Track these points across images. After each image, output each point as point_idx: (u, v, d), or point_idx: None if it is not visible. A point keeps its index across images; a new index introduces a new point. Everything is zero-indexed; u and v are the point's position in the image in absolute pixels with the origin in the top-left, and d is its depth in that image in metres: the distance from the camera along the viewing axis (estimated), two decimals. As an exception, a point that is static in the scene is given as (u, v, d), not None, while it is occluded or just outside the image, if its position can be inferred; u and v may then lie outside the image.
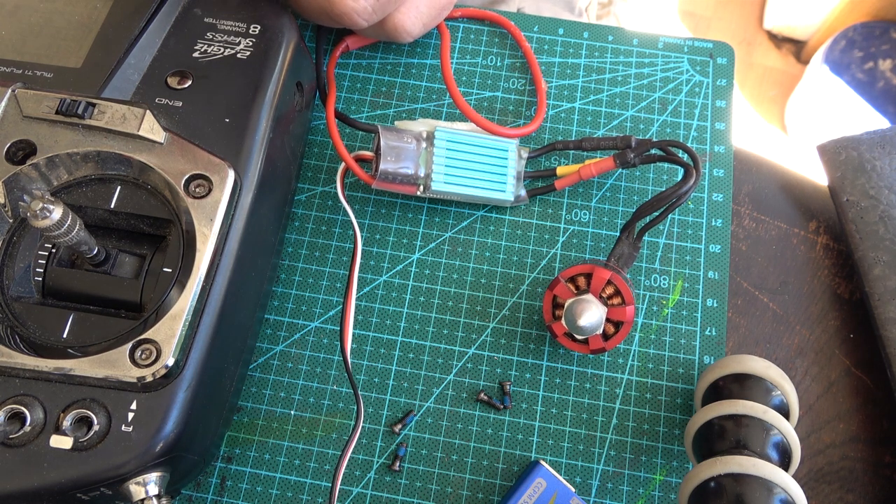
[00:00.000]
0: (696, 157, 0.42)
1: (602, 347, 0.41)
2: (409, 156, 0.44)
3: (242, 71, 0.39)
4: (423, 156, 0.44)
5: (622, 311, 0.40)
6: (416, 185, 0.44)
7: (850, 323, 0.46)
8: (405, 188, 0.44)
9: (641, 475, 0.42)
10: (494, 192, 0.46)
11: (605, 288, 0.41)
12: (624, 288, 0.40)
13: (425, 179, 0.44)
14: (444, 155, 0.44)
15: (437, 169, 0.44)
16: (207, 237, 0.34)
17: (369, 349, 0.45)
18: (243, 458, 0.42)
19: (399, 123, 0.46)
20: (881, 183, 0.45)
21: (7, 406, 0.31)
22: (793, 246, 0.47)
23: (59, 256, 0.36)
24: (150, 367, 0.32)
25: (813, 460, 0.43)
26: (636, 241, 0.43)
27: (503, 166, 0.46)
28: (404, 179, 0.44)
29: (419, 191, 0.45)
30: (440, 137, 0.44)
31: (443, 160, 0.44)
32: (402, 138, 0.44)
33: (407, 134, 0.44)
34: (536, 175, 0.48)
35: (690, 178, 0.41)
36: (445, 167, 0.44)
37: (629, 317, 0.40)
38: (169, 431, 0.32)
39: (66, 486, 0.31)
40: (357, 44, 0.51)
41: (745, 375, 0.39)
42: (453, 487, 0.42)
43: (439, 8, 0.48)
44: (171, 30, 0.40)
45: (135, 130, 0.35)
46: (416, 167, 0.44)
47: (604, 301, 0.41)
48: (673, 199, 0.41)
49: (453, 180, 0.45)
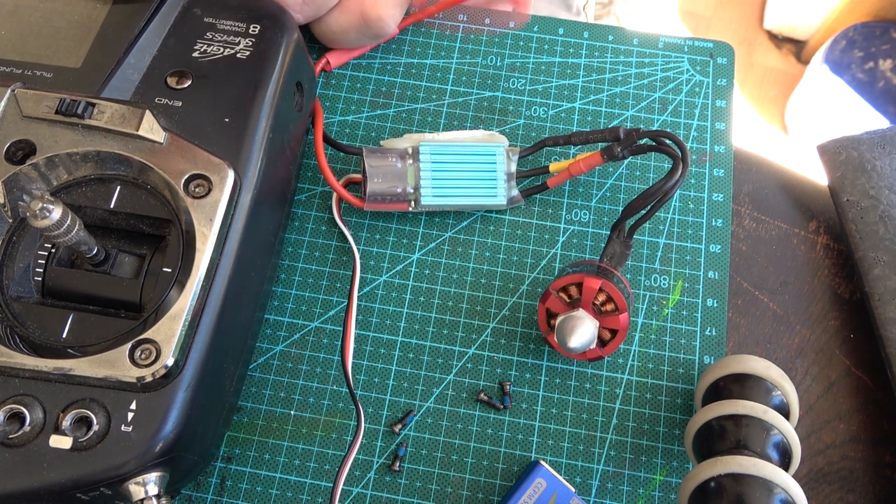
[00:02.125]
0: (684, 147, 0.42)
1: (599, 356, 0.41)
2: (395, 174, 0.44)
3: (242, 71, 0.39)
4: (410, 172, 0.44)
5: (615, 320, 0.40)
6: (407, 202, 0.45)
7: (850, 323, 0.46)
8: (397, 206, 0.45)
9: (641, 475, 0.42)
10: (486, 198, 0.46)
11: (597, 296, 0.41)
12: (616, 294, 0.40)
13: (415, 195, 0.44)
14: (431, 168, 0.44)
15: (425, 183, 0.44)
16: (207, 237, 0.34)
17: (369, 349, 0.44)
18: (243, 458, 0.42)
19: (384, 143, 0.46)
20: (881, 183, 0.45)
21: (6, 406, 0.31)
22: (793, 246, 0.47)
23: (58, 256, 0.36)
24: (149, 367, 0.32)
25: (813, 460, 0.43)
26: (627, 240, 0.43)
27: (492, 171, 0.46)
28: (394, 198, 0.44)
29: (411, 207, 0.45)
30: (424, 151, 0.44)
31: (429, 174, 0.44)
32: (387, 158, 0.44)
33: (391, 153, 0.44)
34: (530, 174, 0.48)
35: (677, 171, 0.41)
36: (433, 180, 0.44)
37: (623, 324, 0.40)
38: (168, 431, 0.32)
39: (65, 486, 0.31)
40: (339, 60, 0.51)
41: (745, 375, 0.39)
42: (453, 487, 0.42)
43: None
44: (170, 30, 0.40)
45: (134, 130, 0.35)
46: (404, 184, 0.44)
47: (597, 309, 0.41)
48: (660, 195, 0.41)
49: (443, 192, 0.45)
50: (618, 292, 0.40)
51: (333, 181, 0.45)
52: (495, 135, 0.47)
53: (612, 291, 0.40)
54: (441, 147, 0.45)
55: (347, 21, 0.46)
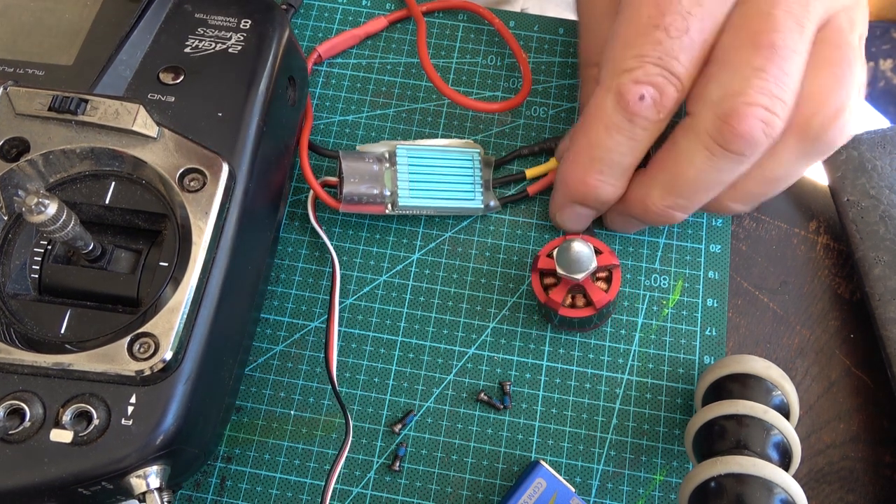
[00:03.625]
0: None
1: (608, 300, 0.41)
2: (372, 176, 0.44)
3: (234, 65, 0.39)
4: (387, 175, 0.44)
5: (606, 258, 0.41)
6: (384, 204, 0.45)
7: (850, 323, 0.46)
8: (373, 208, 0.45)
9: (641, 475, 0.42)
10: (463, 201, 0.46)
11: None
12: (599, 243, 0.42)
13: (392, 197, 0.44)
14: (407, 171, 0.45)
15: (402, 185, 0.44)
16: (203, 230, 0.34)
17: (369, 349, 0.44)
18: (243, 458, 0.42)
19: (361, 147, 0.46)
20: (882, 183, 0.45)
21: (6, 402, 0.31)
22: (793, 246, 0.47)
23: (54, 253, 0.36)
24: (148, 360, 0.32)
25: (813, 460, 0.43)
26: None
27: (468, 175, 0.46)
28: (371, 199, 0.44)
29: (388, 209, 0.45)
30: (401, 154, 0.45)
31: (406, 176, 0.44)
32: (364, 160, 0.44)
33: (368, 156, 0.45)
34: (505, 180, 0.48)
35: None
36: (410, 182, 0.45)
37: (615, 262, 0.41)
38: (169, 424, 0.32)
39: (67, 480, 0.31)
40: (330, 52, 0.51)
41: (745, 375, 0.39)
42: (453, 487, 0.42)
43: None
44: (161, 26, 0.40)
45: (128, 126, 0.35)
46: (381, 187, 0.44)
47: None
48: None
49: (419, 195, 0.45)
50: (599, 241, 0.42)
51: (312, 179, 0.45)
52: (471, 143, 0.47)
53: (595, 243, 0.41)
54: (418, 150, 0.45)
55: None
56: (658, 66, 0.37)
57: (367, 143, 0.47)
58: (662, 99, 0.37)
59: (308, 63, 0.49)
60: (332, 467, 0.41)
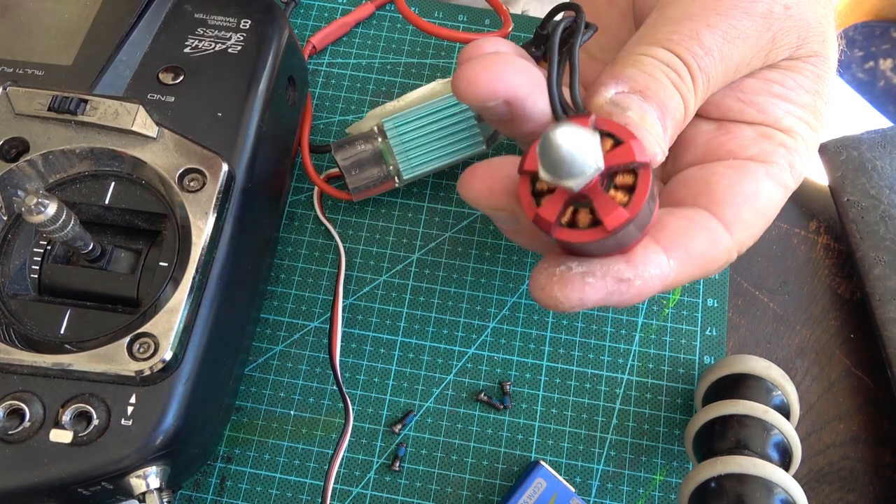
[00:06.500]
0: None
1: (625, 219, 0.25)
2: (369, 160, 0.44)
3: (234, 65, 0.39)
4: (384, 152, 0.44)
5: (625, 152, 0.25)
6: (391, 180, 0.44)
7: (850, 323, 0.46)
8: (383, 187, 0.45)
9: (641, 475, 0.42)
10: (464, 150, 0.45)
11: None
12: (615, 126, 0.26)
13: (396, 172, 0.44)
14: (401, 141, 0.44)
15: (401, 157, 0.44)
16: (203, 230, 0.34)
17: (369, 349, 0.44)
18: (243, 458, 0.42)
19: (349, 129, 0.46)
20: (882, 183, 0.45)
21: (6, 402, 0.31)
22: (793, 246, 0.47)
23: (54, 253, 0.36)
24: (148, 360, 0.32)
25: (813, 460, 0.43)
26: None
27: (460, 123, 0.44)
28: (377, 181, 0.44)
29: (396, 183, 0.45)
30: (390, 128, 0.44)
31: (401, 147, 0.44)
32: (356, 147, 0.44)
33: (358, 140, 0.44)
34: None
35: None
36: (407, 152, 0.44)
37: (641, 155, 0.25)
38: (169, 424, 0.32)
39: (66, 480, 0.31)
40: (323, 42, 0.51)
41: (745, 375, 0.39)
42: (453, 487, 0.42)
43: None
44: (161, 26, 0.40)
45: (128, 126, 0.35)
46: (381, 166, 0.44)
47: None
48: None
49: (422, 159, 0.44)
50: (616, 124, 0.26)
51: (316, 177, 0.45)
52: (451, 82, 0.45)
53: (608, 124, 0.26)
54: (404, 117, 0.44)
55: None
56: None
57: (354, 124, 0.46)
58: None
59: (304, 55, 0.50)
60: (332, 456, 0.41)
